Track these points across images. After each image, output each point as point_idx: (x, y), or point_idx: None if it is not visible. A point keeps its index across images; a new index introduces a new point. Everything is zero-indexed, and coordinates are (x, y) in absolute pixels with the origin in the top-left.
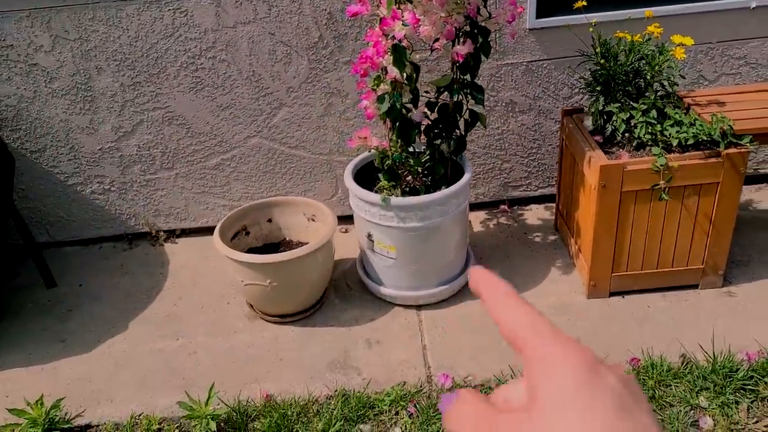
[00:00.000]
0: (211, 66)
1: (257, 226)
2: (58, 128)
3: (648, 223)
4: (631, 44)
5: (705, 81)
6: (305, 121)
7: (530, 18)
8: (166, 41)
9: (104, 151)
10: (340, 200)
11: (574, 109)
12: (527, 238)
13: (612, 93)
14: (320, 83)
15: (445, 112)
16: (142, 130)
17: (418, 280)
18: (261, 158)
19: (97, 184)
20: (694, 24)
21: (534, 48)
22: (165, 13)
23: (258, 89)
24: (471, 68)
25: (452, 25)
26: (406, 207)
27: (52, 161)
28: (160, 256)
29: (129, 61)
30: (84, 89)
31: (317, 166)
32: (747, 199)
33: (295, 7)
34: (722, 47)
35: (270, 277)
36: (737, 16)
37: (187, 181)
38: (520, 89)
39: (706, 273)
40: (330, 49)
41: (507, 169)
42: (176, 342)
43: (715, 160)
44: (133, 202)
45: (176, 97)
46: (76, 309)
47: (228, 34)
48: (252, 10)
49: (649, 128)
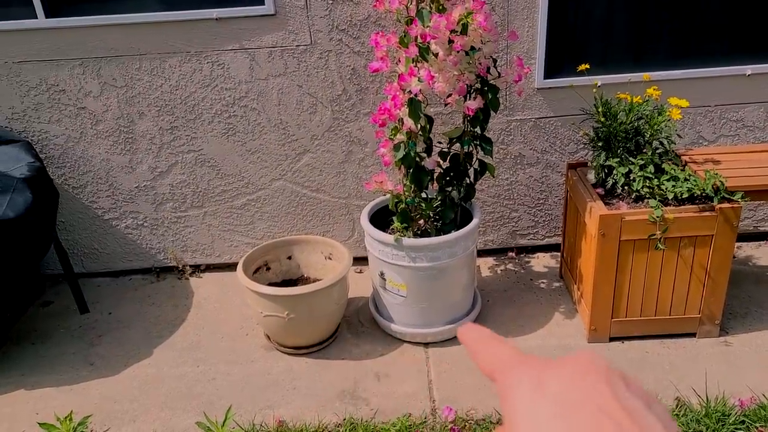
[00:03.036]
0: (242, 114)
1: (278, 262)
2: (99, 167)
3: (646, 272)
4: (630, 105)
5: (704, 141)
6: (327, 167)
7: (538, 78)
8: (204, 90)
9: (140, 189)
10: (356, 242)
11: (578, 163)
12: (533, 284)
13: (613, 149)
14: (342, 132)
15: (457, 161)
16: (176, 170)
17: (426, 318)
18: (284, 200)
19: (131, 219)
20: (693, 88)
21: (542, 105)
22: (204, 65)
23: (284, 136)
24: (481, 122)
25: (464, 82)
26: (417, 247)
27: (92, 197)
28: (186, 289)
29: (168, 107)
30: (126, 132)
31: (336, 209)
32: (747, 255)
33: (322, 63)
34: (720, 110)
35: (288, 309)
36: (734, 82)
37: (214, 219)
38: (528, 143)
39: (703, 322)
40: (352, 101)
41: (515, 218)
42: (197, 368)
43: (709, 213)
44: (163, 237)
45: (209, 141)
46: (105, 335)
47: (260, 85)
48: (283, 64)
49: (646, 182)
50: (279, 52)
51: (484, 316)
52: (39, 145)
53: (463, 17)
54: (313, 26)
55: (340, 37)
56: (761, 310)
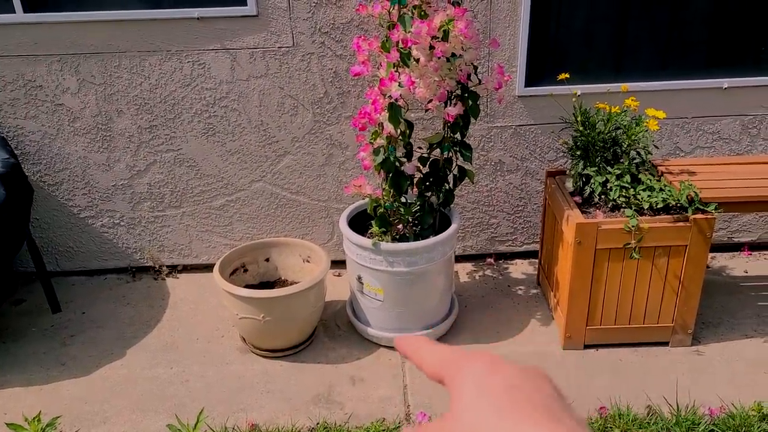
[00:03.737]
0: (223, 114)
1: (255, 264)
2: (76, 164)
3: (621, 280)
4: (609, 115)
5: (681, 152)
6: (307, 169)
7: (519, 86)
8: (184, 90)
9: (117, 188)
10: (335, 245)
11: (557, 171)
12: (510, 291)
13: (591, 158)
14: (323, 135)
15: (436, 166)
16: (154, 169)
17: (403, 322)
18: (263, 201)
19: (108, 218)
20: (671, 99)
21: (522, 113)
22: (185, 64)
23: (265, 137)
24: (461, 128)
25: (445, 88)
26: (394, 252)
27: (68, 194)
28: (162, 290)
29: (148, 106)
30: (104, 129)
31: (316, 211)
32: (721, 265)
33: (304, 65)
34: (697, 122)
35: (264, 312)
36: (711, 95)
37: (192, 219)
38: (508, 150)
39: (676, 331)
40: (334, 104)
41: (494, 224)
42: (171, 370)
43: (683, 224)
44: (140, 237)
45: (189, 141)
46: (78, 335)
47: (241, 86)
48: (264, 65)
49: (623, 191)
50: (261, 54)
51: (461, 321)
52: (14, 141)
53: (445, 24)
54: (296, 28)
55: (322, 39)
56: (733, 320)
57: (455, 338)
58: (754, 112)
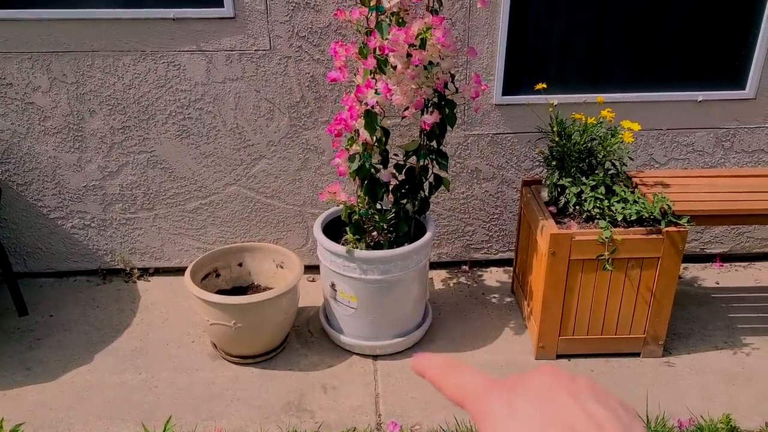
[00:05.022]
0: (198, 116)
1: (228, 269)
2: (46, 164)
3: (594, 291)
4: (585, 126)
5: (656, 163)
6: (282, 174)
7: (497, 94)
8: (158, 91)
9: (88, 189)
10: (309, 250)
11: (532, 180)
12: (485, 299)
13: (566, 168)
14: (299, 139)
15: (412, 174)
16: (126, 171)
17: (376, 330)
18: (238, 205)
19: (78, 219)
20: (646, 111)
21: (499, 122)
22: (159, 65)
23: (240, 141)
24: (437, 136)
25: (421, 96)
26: (368, 260)
27: (37, 195)
28: (132, 293)
29: (121, 106)
30: (75, 129)
31: (290, 216)
32: (693, 276)
33: (281, 69)
34: (672, 134)
35: (235, 318)
36: (685, 107)
37: (165, 222)
38: (485, 158)
39: (648, 342)
40: (310, 108)
41: (470, 231)
42: (139, 376)
43: (656, 236)
44: (111, 239)
45: (162, 143)
46: (44, 338)
47: (216, 88)
48: (240, 68)
49: (597, 203)
50: (237, 56)
51: (434, 329)
52: None
53: (422, 32)
54: (273, 31)
55: (300, 43)
56: (704, 331)
57: (429, 346)
58: (727, 125)
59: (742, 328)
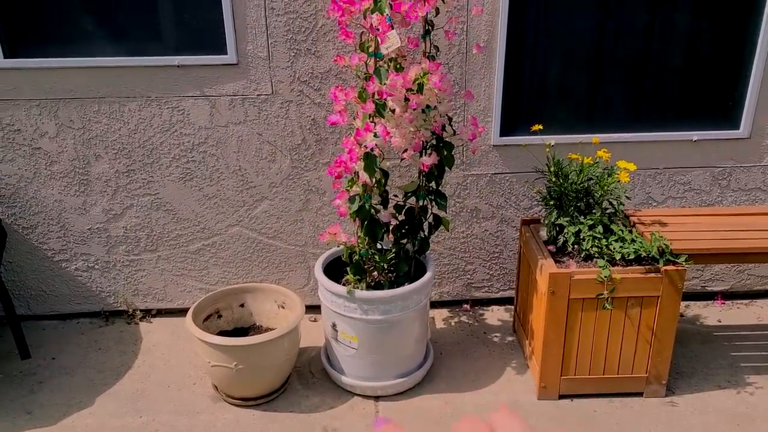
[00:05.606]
0: (201, 159)
1: (229, 310)
2: (51, 207)
3: (594, 331)
4: (581, 166)
5: (653, 202)
6: (284, 214)
7: (494, 135)
8: (163, 135)
9: (93, 231)
10: (311, 290)
11: (531, 219)
12: (486, 338)
13: (564, 207)
14: (301, 180)
15: (412, 214)
16: (131, 213)
17: (377, 371)
18: (240, 246)
19: (82, 261)
20: (642, 150)
21: (497, 162)
22: (164, 110)
23: (243, 182)
24: (436, 177)
25: (420, 138)
26: (369, 300)
27: (42, 238)
28: (135, 334)
29: (126, 150)
30: (81, 173)
31: (292, 256)
32: (695, 314)
33: (283, 113)
34: (669, 173)
35: (236, 360)
36: (681, 147)
37: (168, 263)
38: (484, 198)
39: (650, 382)
40: (312, 150)
41: (470, 270)
42: (140, 419)
43: (654, 275)
44: (114, 280)
45: (166, 186)
46: (46, 381)
47: (219, 131)
48: (243, 112)
49: (595, 242)
50: (240, 101)
51: (436, 369)
52: None
53: (419, 77)
54: (275, 77)
55: (301, 88)
56: (707, 370)
57: (430, 386)
58: (723, 164)
59: (746, 366)
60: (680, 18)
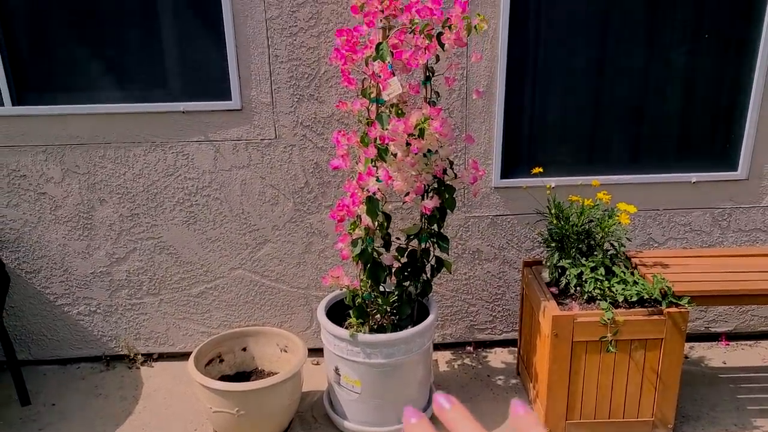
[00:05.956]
0: (204, 203)
1: (231, 354)
2: (55, 251)
3: (599, 374)
4: (582, 208)
5: (655, 243)
6: (287, 257)
7: (495, 178)
8: (167, 179)
9: (95, 275)
10: (314, 333)
11: (533, 261)
12: (490, 381)
13: (566, 249)
14: (303, 223)
15: (414, 257)
16: (134, 257)
17: (380, 415)
18: (242, 289)
19: (84, 305)
20: (642, 192)
21: (499, 204)
22: (168, 155)
23: (246, 225)
24: (438, 220)
25: (421, 182)
26: (372, 344)
27: (45, 282)
28: (136, 379)
29: (130, 194)
30: (85, 218)
31: (295, 299)
32: (700, 356)
33: (286, 156)
34: (669, 214)
35: (238, 406)
36: (680, 188)
37: (170, 307)
38: (486, 239)
39: (656, 426)
40: (314, 193)
41: (473, 312)
42: None
43: (657, 317)
44: (116, 324)
45: (170, 229)
46: (46, 428)
47: (223, 175)
48: (247, 156)
49: (597, 284)
50: (244, 145)
51: None
52: None
53: (421, 122)
54: (278, 121)
55: (304, 132)
56: (713, 413)
57: None
58: (723, 205)
59: (752, 409)
60: (675, 61)
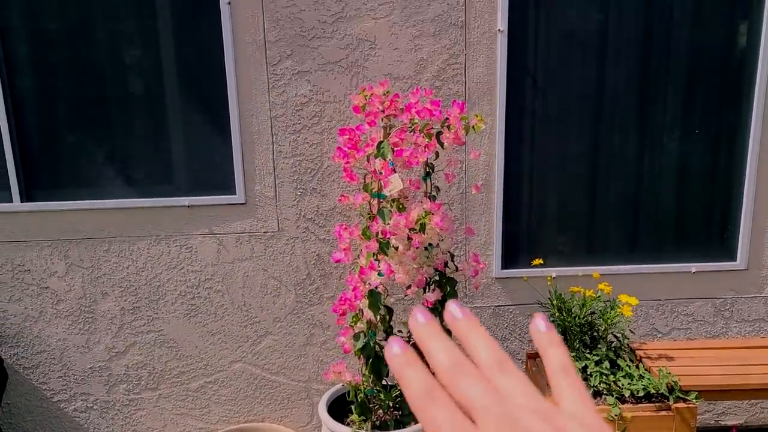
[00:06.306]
0: (206, 295)
1: None
2: (54, 346)
3: None
4: (583, 300)
5: (658, 333)
6: (288, 349)
7: (496, 269)
8: (170, 272)
9: (94, 370)
10: (315, 428)
11: (537, 353)
12: None
13: (569, 342)
14: (305, 315)
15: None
16: (134, 351)
17: None
18: (242, 383)
19: (81, 401)
20: (643, 282)
21: (500, 294)
22: (172, 248)
23: (247, 318)
24: (439, 313)
25: (423, 275)
26: None
27: (43, 378)
28: None
29: (133, 288)
30: (87, 311)
31: (295, 392)
32: None
33: (288, 249)
34: (671, 304)
35: None
36: (680, 278)
37: (168, 402)
38: (488, 330)
39: None
40: (316, 285)
41: None
42: None
43: (666, 413)
44: (112, 421)
45: (171, 322)
46: None
47: (226, 268)
48: (249, 249)
49: (603, 378)
50: (247, 238)
51: None
52: None
53: (422, 217)
54: (282, 215)
55: (306, 225)
56: None
57: None
58: (724, 295)
59: None
60: (671, 153)
